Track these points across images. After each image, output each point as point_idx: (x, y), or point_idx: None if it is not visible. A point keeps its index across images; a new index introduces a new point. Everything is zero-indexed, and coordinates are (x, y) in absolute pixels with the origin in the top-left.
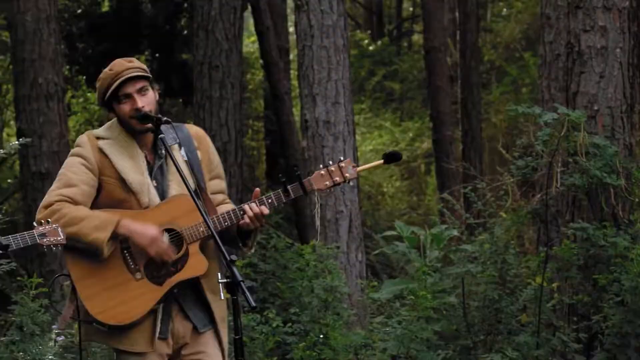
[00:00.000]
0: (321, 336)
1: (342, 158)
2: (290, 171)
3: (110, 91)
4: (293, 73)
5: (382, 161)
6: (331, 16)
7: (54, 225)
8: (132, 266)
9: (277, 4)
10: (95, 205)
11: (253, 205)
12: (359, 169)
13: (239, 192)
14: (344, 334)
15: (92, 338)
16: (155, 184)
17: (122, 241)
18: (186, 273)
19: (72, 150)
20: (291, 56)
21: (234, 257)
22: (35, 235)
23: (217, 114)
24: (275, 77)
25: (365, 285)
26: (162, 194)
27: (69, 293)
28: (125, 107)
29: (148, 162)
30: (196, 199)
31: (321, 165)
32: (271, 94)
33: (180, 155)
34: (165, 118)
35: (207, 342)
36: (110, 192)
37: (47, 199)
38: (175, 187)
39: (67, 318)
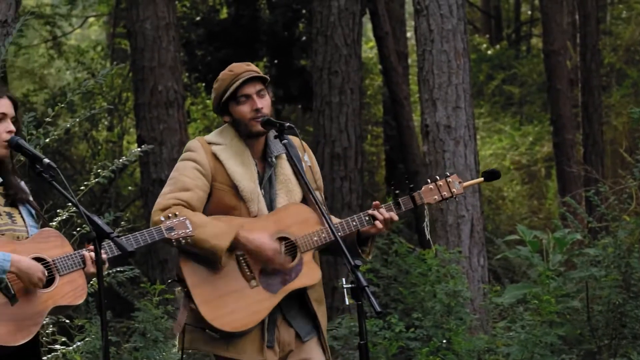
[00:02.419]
0: (444, 341)
1: (448, 173)
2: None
3: (229, 91)
4: (412, 78)
5: (482, 179)
6: (451, 20)
7: (181, 218)
8: (248, 273)
9: (395, 9)
10: (204, 211)
11: (383, 210)
12: (465, 184)
13: (359, 198)
14: (467, 338)
15: (197, 346)
16: (263, 193)
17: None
18: (301, 281)
19: (184, 155)
20: (409, 61)
21: (358, 262)
22: (163, 229)
23: (337, 119)
24: (394, 82)
25: (488, 289)
26: (270, 204)
27: (182, 299)
28: (245, 108)
29: (258, 172)
30: (320, 205)
31: (429, 180)
32: (390, 99)
33: (288, 165)
34: (288, 124)
35: (311, 350)
36: (220, 199)
37: (162, 202)
38: (283, 196)
39: (182, 323)
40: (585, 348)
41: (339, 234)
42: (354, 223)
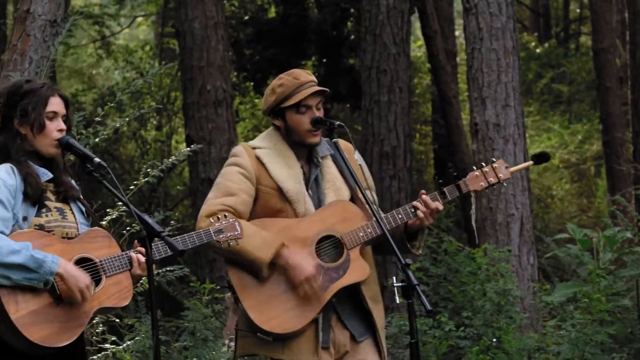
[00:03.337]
0: (494, 340)
1: (494, 159)
2: (447, 172)
3: (292, 99)
4: (460, 76)
5: (532, 162)
6: (500, 19)
7: (230, 220)
8: None
9: (444, 7)
10: (251, 215)
11: (427, 200)
12: (511, 169)
13: (408, 197)
14: (517, 337)
15: (251, 350)
16: (310, 194)
17: None
18: (349, 278)
19: (229, 160)
20: (458, 59)
21: (408, 260)
22: (212, 231)
23: (386, 118)
24: (442, 81)
25: (538, 288)
26: (318, 204)
27: (232, 304)
28: (304, 119)
29: (304, 173)
30: (369, 200)
31: (474, 167)
32: (439, 98)
33: (334, 165)
34: (338, 122)
35: (367, 351)
36: (266, 202)
37: (208, 208)
38: (331, 195)
39: (232, 327)
40: (636, 347)
41: (385, 227)
42: (400, 216)
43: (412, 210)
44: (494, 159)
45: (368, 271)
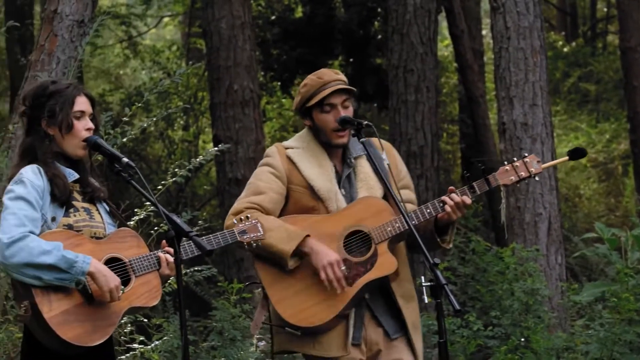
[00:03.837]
0: (522, 339)
1: (526, 154)
2: (476, 168)
3: (316, 99)
4: (487, 76)
5: (567, 157)
6: (527, 18)
7: (253, 221)
8: None
9: (471, 6)
10: (283, 213)
11: (454, 195)
12: (544, 165)
13: (436, 196)
14: (545, 337)
15: (285, 347)
16: (343, 192)
17: None
18: (376, 272)
19: (261, 161)
20: (485, 59)
21: (437, 260)
22: (236, 232)
23: (413, 117)
24: (470, 80)
25: (566, 287)
26: (351, 202)
27: (260, 299)
28: (328, 117)
29: (337, 171)
30: (395, 197)
31: (506, 162)
32: (466, 97)
33: (368, 164)
34: (366, 122)
35: (400, 349)
36: (298, 200)
37: (236, 206)
38: (364, 193)
39: (259, 323)
40: None
41: (413, 222)
42: (428, 210)
43: (441, 204)
44: (526, 154)
45: (395, 266)
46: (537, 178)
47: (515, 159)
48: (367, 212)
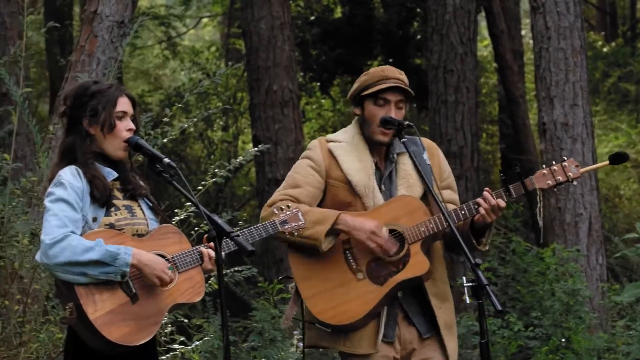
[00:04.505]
0: (563, 340)
1: (565, 157)
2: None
3: (372, 89)
4: (527, 76)
5: (607, 162)
6: (568, 18)
7: (293, 210)
8: (354, 266)
9: (510, 6)
10: (321, 207)
11: (489, 197)
12: (582, 170)
13: (475, 197)
14: (586, 337)
15: (317, 342)
16: (383, 189)
17: (344, 242)
18: (408, 272)
19: (303, 154)
20: (524, 59)
21: (478, 260)
22: (277, 222)
23: (453, 118)
24: (509, 80)
25: (607, 288)
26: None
27: (293, 294)
28: (379, 111)
29: (378, 168)
30: (435, 196)
31: (544, 165)
32: (506, 97)
33: (410, 162)
34: (407, 122)
35: (432, 349)
36: (335, 195)
37: (271, 198)
38: (403, 192)
39: (290, 317)
40: None
41: (453, 222)
42: (463, 212)
43: (475, 206)
44: (565, 158)
45: (427, 267)
46: (575, 183)
47: (553, 162)
48: (402, 211)
